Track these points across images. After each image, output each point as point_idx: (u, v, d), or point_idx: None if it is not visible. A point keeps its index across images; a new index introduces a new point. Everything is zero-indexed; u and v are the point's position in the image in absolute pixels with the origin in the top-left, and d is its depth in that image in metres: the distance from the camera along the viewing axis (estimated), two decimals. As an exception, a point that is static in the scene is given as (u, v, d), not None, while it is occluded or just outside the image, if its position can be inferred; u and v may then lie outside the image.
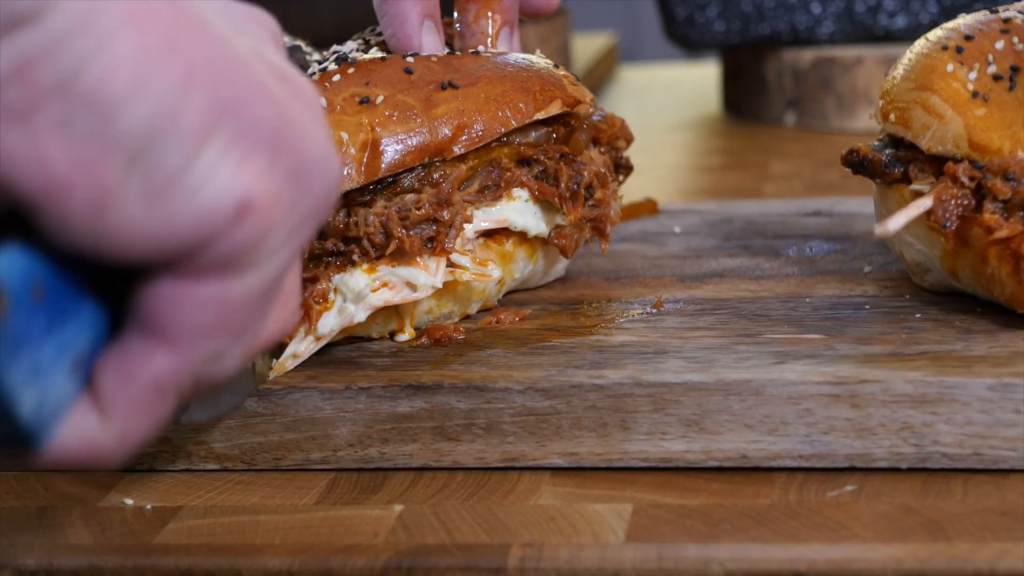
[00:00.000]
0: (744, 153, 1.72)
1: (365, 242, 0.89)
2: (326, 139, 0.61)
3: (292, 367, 0.89)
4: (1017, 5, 0.96)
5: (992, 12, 0.96)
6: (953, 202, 0.88)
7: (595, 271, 1.05)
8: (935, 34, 0.96)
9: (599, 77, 2.27)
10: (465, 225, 0.91)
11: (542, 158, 0.95)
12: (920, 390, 0.79)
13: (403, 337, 0.93)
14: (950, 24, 0.97)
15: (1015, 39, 0.92)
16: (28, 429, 0.56)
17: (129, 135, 0.53)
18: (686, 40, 1.85)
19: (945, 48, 0.94)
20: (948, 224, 0.88)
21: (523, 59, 0.99)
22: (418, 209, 0.90)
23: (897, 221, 0.90)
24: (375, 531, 0.79)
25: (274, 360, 0.89)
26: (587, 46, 2.35)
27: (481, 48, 0.99)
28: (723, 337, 0.89)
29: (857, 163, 0.96)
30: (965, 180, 0.88)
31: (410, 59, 0.94)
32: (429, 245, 0.90)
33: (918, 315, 0.90)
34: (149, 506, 0.84)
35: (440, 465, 0.85)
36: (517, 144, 0.95)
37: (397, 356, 0.90)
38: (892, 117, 0.95)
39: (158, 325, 0.57)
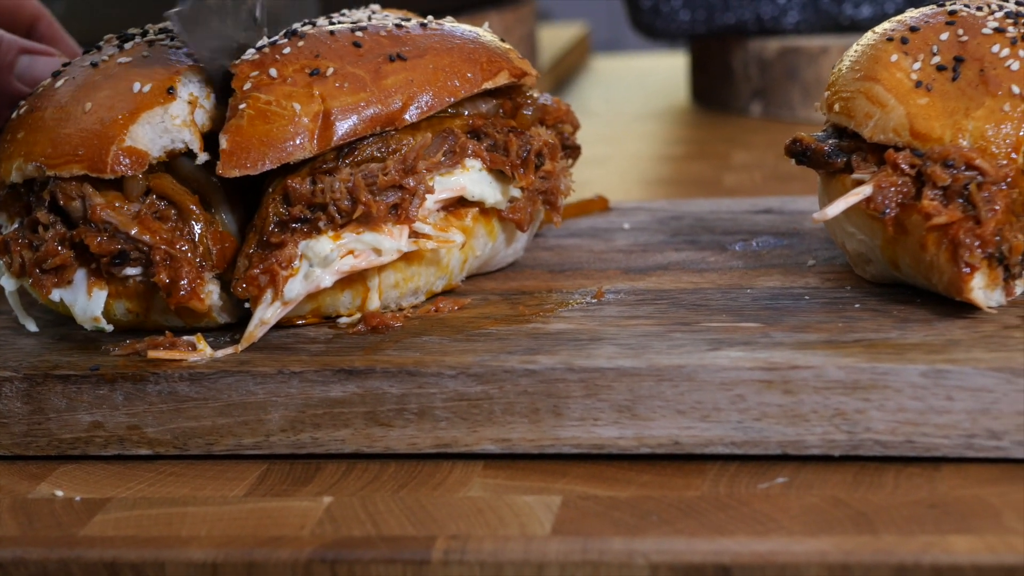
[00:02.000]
0: (708, 143, 1.71)
1: (332, 208, 0.89)
2: None
3: (261, 335, 0.89)
4: None
5: (939, 5, 0.95)
6: (893, 190, 0.87)
7: (539, 264, 1.04)
8: (882, 26, 0.96)
9: (570, 66, 2.27)
10: (427, 196, 0.92)
11: (491, 131, 0.96)
12: (853, 376, 0.79)
13: (343, 320, 0.92)
14: (897, 16, 0.96)
15: (960, 31, 0.91)
16: None
17: None
18: (651, 29, 1.84)
19: (890, 39, 0.93)
20: (887, 211, 0.87)
21: (470, 31, 0.99)
22: (384, 175, 0.90)
23: (836, 207, 0.89)
24: (302, 523, 0.78)
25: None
26: (557, 36, 2.34)
27: (430, 18, 1.00)
28: (660, 325, 0.88)
29: (800, 153, 0.95)
30: (905, 168, 0.87)
31: (359, 33, 0.95)
32: (393, 212, 0.91)
33: (857, 305, 0.90)
34: (79, 497, 0.83)
35: (372, 451, 0.85)
36: (467, 116, 0.96)
37: (332, 342, 0.89)
38: (836, 107, 0.94)
39: None
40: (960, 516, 0.73)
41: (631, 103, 2.02)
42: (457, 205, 0.96)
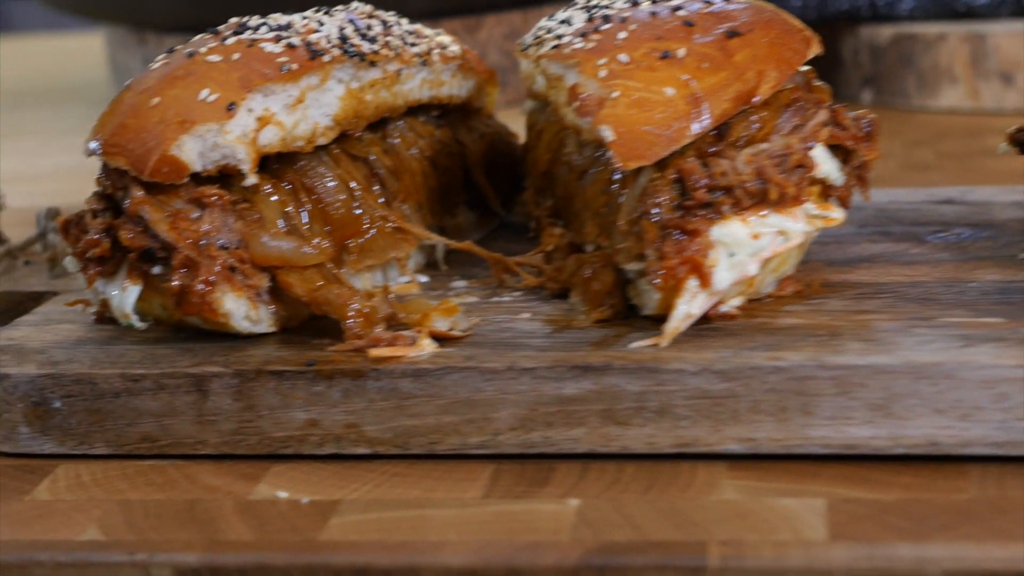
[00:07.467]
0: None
1: (739, 191, 0.85)
2: None
3: (685, 328, 0.84)
4: None
5: None
6: None
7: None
8: None
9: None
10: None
11: (809, 107, 0.91)
12: None
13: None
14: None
15: None
16: None
17: None
18: (762, 15, 1.80)
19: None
20: None
21: (756, 2, 0.95)
22: (792, 154, 0.86)
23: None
24: (555, 527, 0.75)
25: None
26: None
27: None
28: (895, 320, 0.85)
29: (1025, 142, 0.93)
30: None
31: (681, 12, 0.91)
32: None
33: (1097, 298, 0.87)
34: (305, 499, 0.80)
35: (608, 451, 0.81)
36: (790, 89, 0.91)
37: (553, 336, 0.86)
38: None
39: None
40: None
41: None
42: None
